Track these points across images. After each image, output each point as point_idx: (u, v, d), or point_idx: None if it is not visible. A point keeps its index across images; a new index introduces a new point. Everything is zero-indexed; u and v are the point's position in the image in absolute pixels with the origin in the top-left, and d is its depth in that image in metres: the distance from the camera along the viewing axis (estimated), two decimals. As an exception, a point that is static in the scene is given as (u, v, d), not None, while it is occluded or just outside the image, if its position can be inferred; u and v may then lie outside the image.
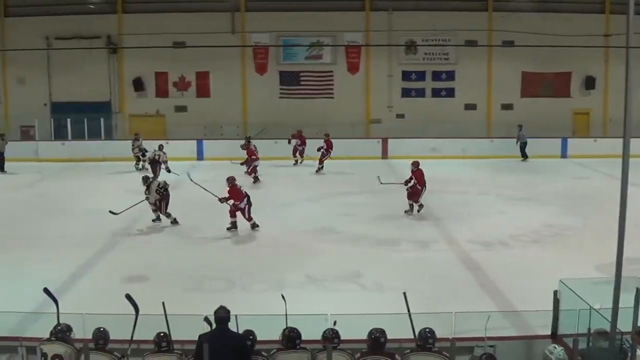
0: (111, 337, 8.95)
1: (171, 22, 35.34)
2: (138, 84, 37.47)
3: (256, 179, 27.78)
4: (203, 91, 37.69)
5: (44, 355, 8.74)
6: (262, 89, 37.37)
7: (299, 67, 37.69)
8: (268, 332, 9.06)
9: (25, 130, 36.76)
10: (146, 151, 30.70)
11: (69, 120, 35.49)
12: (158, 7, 36.31)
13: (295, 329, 8.88)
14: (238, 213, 19.77)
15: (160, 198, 20.87)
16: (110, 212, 20.41)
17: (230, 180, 19.91)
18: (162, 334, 8.88)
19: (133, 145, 31.48)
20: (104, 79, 37.56)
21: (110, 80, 37.68)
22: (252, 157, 28.30)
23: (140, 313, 9.28)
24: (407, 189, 21.58)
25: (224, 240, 19.07)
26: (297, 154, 32.09)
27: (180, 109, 37.63)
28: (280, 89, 37.72)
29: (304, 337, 8.86)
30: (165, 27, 34.49)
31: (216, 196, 19.86)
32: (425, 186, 21.56)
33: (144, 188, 20.88)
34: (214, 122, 35.56)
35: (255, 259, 17.31)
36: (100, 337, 8.84)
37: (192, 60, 35.87)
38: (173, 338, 8.97)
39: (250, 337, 8.75)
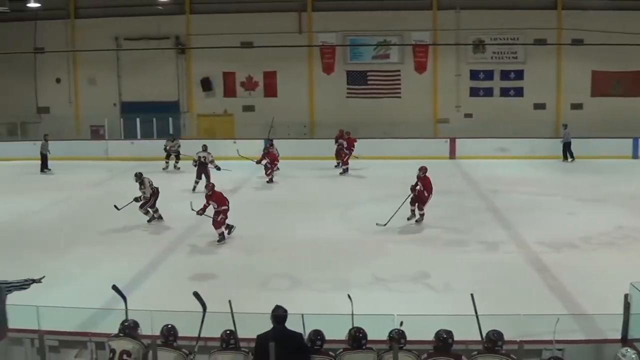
0: (179, 334, 9.02)
1: (239, 23, 35.58)
2: (206, 84, 37.79)
3: (270, 181, 27.83)
4: (270, 91, 37.85)
5: (113, 350, 8.83)
6: (329, 89, 37.36)
7: (366, 67, 37.57)
8: (334, 331, 9.02)
9: (95, 130, 37.41)
10: (179, 153, 31.20)
11: (138, 119, 35.98)
12: (225, 8, 36.58)
13: (362, 329, 8.82)
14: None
15: (152, 192, 21.26)
16: (114, 206, 21.22)
17: (210, 188, 19.30)
18: (228, 332, 8.91)
19: (166, 144, 31.85)
20: (173, 79, 37.99)
21: (178, 80, 38.09)
22: (275, 161, 28.12)
23: (207, 310, 9.33)
24: (413, 194, 20.39)
25: (288, 239, 19.07)
26: (342, 156, 30.91)
27: (248, 108, 37.84)
28: (348, 88, 37.65)
29: (370, 337, 8.79)
30: (233, 27, 34.76)
31: (194, 210, 19.29)
32: (431, 194, 20.50)
33: (138, 184, 21.41)
34: (281, 121, 35.65)
35: (320, 258, 17.25)
36: (169, 334, 8.91)
37: (260, 60, 36.08)
38: (239, 336, 8.99)
39: (319, 337, 8.76)
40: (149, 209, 21.37)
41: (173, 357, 8.71)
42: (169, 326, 8.96)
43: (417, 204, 20.41)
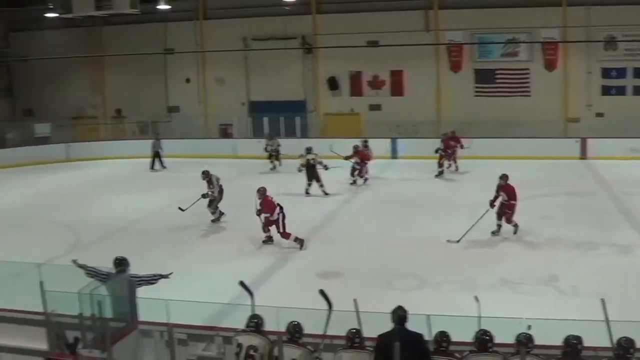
0: (304, 331, 8.98)
1: (365, 22, 35.48)
2: (333, 83, 37.89)
3: (354, 183, 27.25)
4: (397, 90, 37.59)
5: (240, 345, 8.88)
6: (457, 88, 36.81)
7: (495, 65, 36.81)
8: (460, 333, 8.80)
9: (224, 129, 38.09)
10: (279, 152, 31.35)
11: (265, 119, 36.41)
12: (352, 7, 36.55)
13: (488, 331, 8.57)
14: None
15: (220, 190, 21.43)
16: (179, 208, 21.50)
17: (262, 192, 18.81)
18: (354, 330, 8.81)
19: (266, 144, 31.92)
20: (299, 78, 38.26)
21: (305, 79, 38.34)
22: (365, 160, 27.56)
23: (333, 309, 9.26)
24: (492, 206, 18.74)
25: (415, 238, 18.85)
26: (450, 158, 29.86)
27: (375, 107, 37.70)
28: (476, 87, 37.00)
29: (496, 340, 8.53)
30: (359, 26, 34.68)
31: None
32: (517, 200, 18.66)
33: (205, 182, 21.59)
34: (408, 120, 35.31)
35: (447, 259, 17.01)
36: (294, 331, 8.88)
37: (386, 59, 35.88)
38: (365, 335, 8.88)
39: (445, 338, 8.55)
40: (217, 207, 21.59)
41: (298, 354, 8.67)
42: (295, 323, 8.93)
43: (504, 217, 18.78)
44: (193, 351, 10.25)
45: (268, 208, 18.45)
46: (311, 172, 25.58)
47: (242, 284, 10.33)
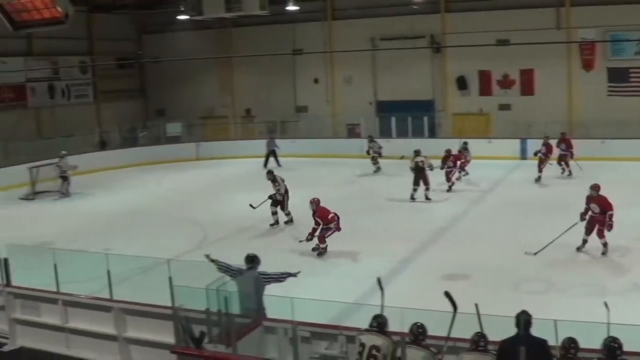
0: (428, 333, 8.86)
1: (494, 20, 34.82)
2: (461, 83, 37.40)
3: (450, 189, 26.12)
4: (527, 89, 36.72)
5: (362, 344, 8.85)
6: (589, 86, 35.63)
7: (629, 63, 35.46)
8: (588, 340, 8.49)
9: (352, 128, 38.17)
10: (380, 154, 31.02)
11: (393, 118, 36.28)
12: (481, 5, 35.97)
13: (617, 339, 8.21)
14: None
15: (285, 191, 21.44)
16: (250, 205, 21.59)
17: (315, 203, 18.37)
18: (479, 334, 8.64)
19: (369, 146, 31.55)
20: (427, 78, 37.92)
21: (433, 79, 37.97)
22: (461, 163, 26.99)
23: (458, 311, 9.11)
24: (582, 219, 17.23)
25: (543, 241, 18.36)
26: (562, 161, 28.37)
27: (504, 107, 36.95)
28: (609, 86, 35.77)
29: (626, 349, 8.15)
30: (489, 24, 34.08)
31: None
32: (613, 210, 16.83)
33: (270, 182, 21.74)
34: (538, 120, 34.44)
35: (577, 263, 16.56)
36: (418, 332, 8.78)
37: (516, 57, 35.10)
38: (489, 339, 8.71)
39: (573, 344, 8.27)
40: (277, 211, 21.61)
41: (421, 356, 8.58)
42: (419, 324, 8.84)
43: (596, 231, 17.07)
44: (316, 349, 10.28)
45: (323, 218, 18.09)
46: (419, 175, 24.54)
47: (379, 281, 10.30)
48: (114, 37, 40.75)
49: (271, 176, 22.09)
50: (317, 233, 18.10)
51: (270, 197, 21.77)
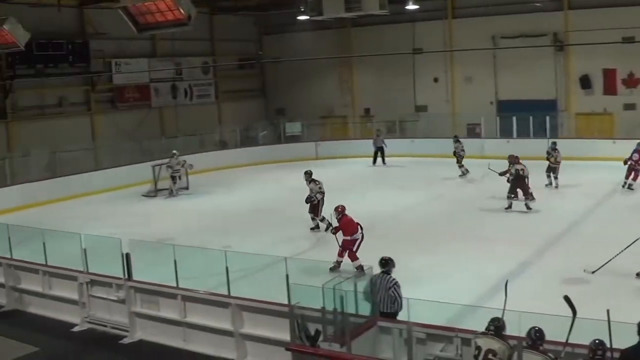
0: (546, 338, 8.65)
1: (619, 17, 33.69)
2: (585, 82, 36.41)
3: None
4: (653, 88, 35.51)
5: (478, 348, 8.73)
6: None
7: None
8: None
9: (472, 128, 37.69)
10: (462, 156, 30.34)
11: (514, 118, 35.62)
12: (606, 2, 34.86)
13: None
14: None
15: (322, 194, 21.01)
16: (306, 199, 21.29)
17: (340, 211, 17.00)
18: (597, 341, 8.36)
19: (455, 148, 30.87)
20: (550, 77, 37.06)
21: (556, 78, 37.09)
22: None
23: (577, 316, 8.88)
24: None
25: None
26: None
27: (629, 107, 35.77)
28: None
29: None
30: (613, 21, 33.02)
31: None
32: None
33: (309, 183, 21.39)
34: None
35: None
36: (536, 337, 8.58)
37: (642, 55, 34.00)
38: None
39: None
40: (315, 216, 21.23)
41: (538, 361, 8.39)
42: (537, 329, 8.64)
43: None
44: (431, 351, 10.20)
45: (347, 229, 16.85)
46: (517, 183, 23.06)
47: (506, 285, 10.17)
48: (236, 38, 41.53)
49: (308, 177, 21.74)
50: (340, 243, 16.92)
51: (306, 200, 21.34)
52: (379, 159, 34.88)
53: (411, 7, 33.93)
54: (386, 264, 11.60)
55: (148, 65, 37.64)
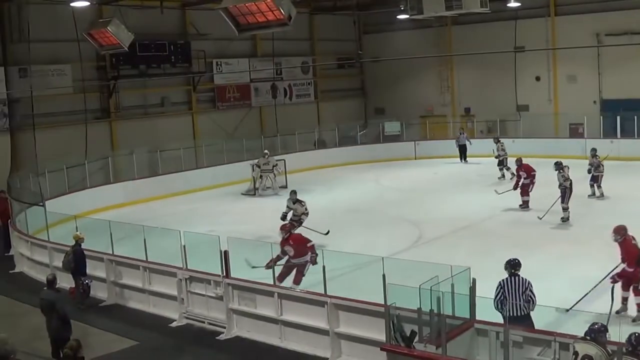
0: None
1: None
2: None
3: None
4: None
5: (576, 353, 8.50)
6: None
7: None
8: None
9: (574, 128, 36.82)
10: (500, 158, 29.76)
11: (618, 117, 34.67)
12: None
13: None
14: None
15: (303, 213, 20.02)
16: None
17: (286, 229, 15.30)
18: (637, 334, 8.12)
19: (497, 149, 30.18)
20: (660, 75, 35.96)
21: (664, 77, 35.98)
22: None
23: None
24: None
25: None
26: None
27: None
28: None
29: None
30: None
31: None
32: None
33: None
34: None
35: None
36: (637, 343, 8.30)
37: None
38: None
39: None
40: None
41: (639, 367, 8.12)
42: (637, 334, 8.37)
43: None
44: (528, 354, 10.00)
45: (295, 249, 14.95)
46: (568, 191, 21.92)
47: (612, 290, 9.92)
48: (335, 38, 41.63)
49: (294, 197, 20.47)
50: (279, 262, 14.91)
51: (282, 217, 20.03)
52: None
53: (513, 4, 33.45)
54: (518, 265, 11.31)
55: (249, 65, 38.09)
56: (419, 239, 20.51)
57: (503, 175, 29.77)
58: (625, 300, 12.97)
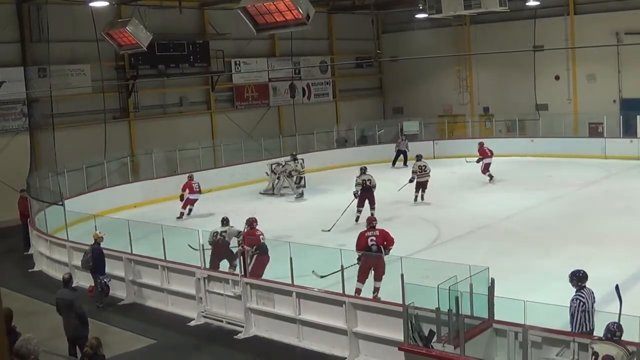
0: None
1: None
2: None
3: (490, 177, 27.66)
4: None
5: (595, 353, 8.47)
6: None
7: None
8: None
9: (593, 127, 36.62)
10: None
11: (638, 117, 34.44)
12: None
13: None
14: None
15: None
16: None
17: (250, 223, 15.76)
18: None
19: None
20: (677, 73, 35.72)
21: (684, 75, 35.73)
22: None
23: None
24: None
25: None
26: None
27: None
28: None
29: None
30: None
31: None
32: None
33: None
34: None
35: None
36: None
37: None
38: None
39: None
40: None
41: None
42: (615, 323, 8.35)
43: None
44: (547, 355, 9.98)
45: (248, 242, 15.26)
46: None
47: (617, 288, 9.82)
48: (353, 37, 41.52)
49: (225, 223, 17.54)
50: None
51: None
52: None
53: (532, 3, 33.33)
54: (586, 277, 10.88)
55: (267, 64, 38.14)
56: (437, 238, 20.47)
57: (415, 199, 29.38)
58: None
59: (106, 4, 24.58)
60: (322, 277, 14.11)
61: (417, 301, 10.36)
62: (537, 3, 33.58)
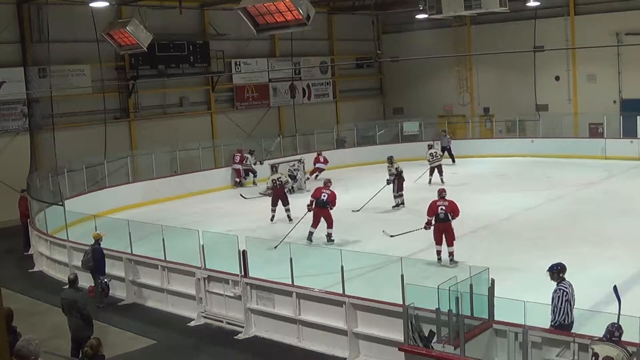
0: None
1: None
2: None
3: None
4: None
5: (595, 354, 8.47)
6: None
7: None
8: None
9: (594, 128, 36.62)
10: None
11: (638, 117, 34.44)
12: None
13: None
14: None
15: None
16: None
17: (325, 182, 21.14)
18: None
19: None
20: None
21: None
22: None
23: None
24: None
25: None
26: None
27: None
28: None
29: None
30: None
31: None
32: None
33: None
34: None
35: None
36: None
37: None
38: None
39: None
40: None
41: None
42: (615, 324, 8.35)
43: None
44: (547, 355, 9.98)
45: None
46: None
47: (615, 289, 9.82)
48: (354, 38, 41.55)
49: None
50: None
51: None
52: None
53: (532, 3, 33.32)
54: (565, 269, 11.05)
55: (267, 65, 38.14)
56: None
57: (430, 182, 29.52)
58: None
59: (106, 4, 24.59)
60: (391, 236, 16.53)
61: (417, 301, 10.36)
62: (538, 3, 33.57)
